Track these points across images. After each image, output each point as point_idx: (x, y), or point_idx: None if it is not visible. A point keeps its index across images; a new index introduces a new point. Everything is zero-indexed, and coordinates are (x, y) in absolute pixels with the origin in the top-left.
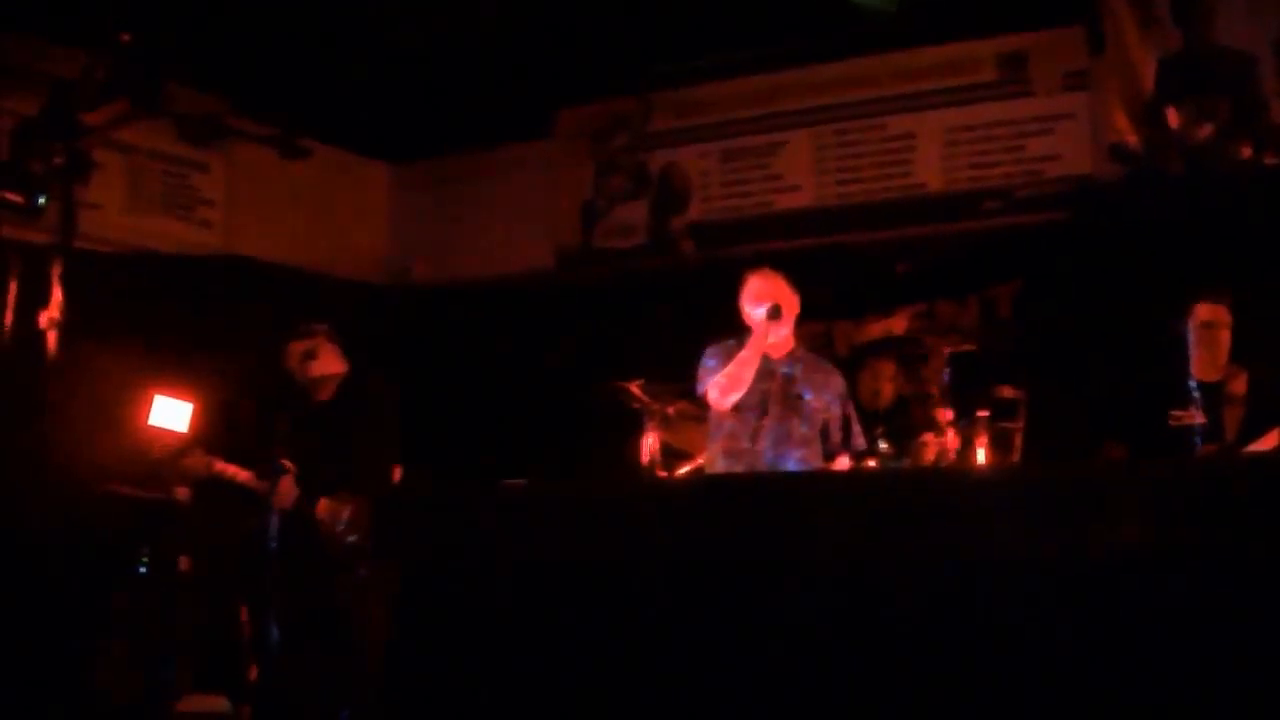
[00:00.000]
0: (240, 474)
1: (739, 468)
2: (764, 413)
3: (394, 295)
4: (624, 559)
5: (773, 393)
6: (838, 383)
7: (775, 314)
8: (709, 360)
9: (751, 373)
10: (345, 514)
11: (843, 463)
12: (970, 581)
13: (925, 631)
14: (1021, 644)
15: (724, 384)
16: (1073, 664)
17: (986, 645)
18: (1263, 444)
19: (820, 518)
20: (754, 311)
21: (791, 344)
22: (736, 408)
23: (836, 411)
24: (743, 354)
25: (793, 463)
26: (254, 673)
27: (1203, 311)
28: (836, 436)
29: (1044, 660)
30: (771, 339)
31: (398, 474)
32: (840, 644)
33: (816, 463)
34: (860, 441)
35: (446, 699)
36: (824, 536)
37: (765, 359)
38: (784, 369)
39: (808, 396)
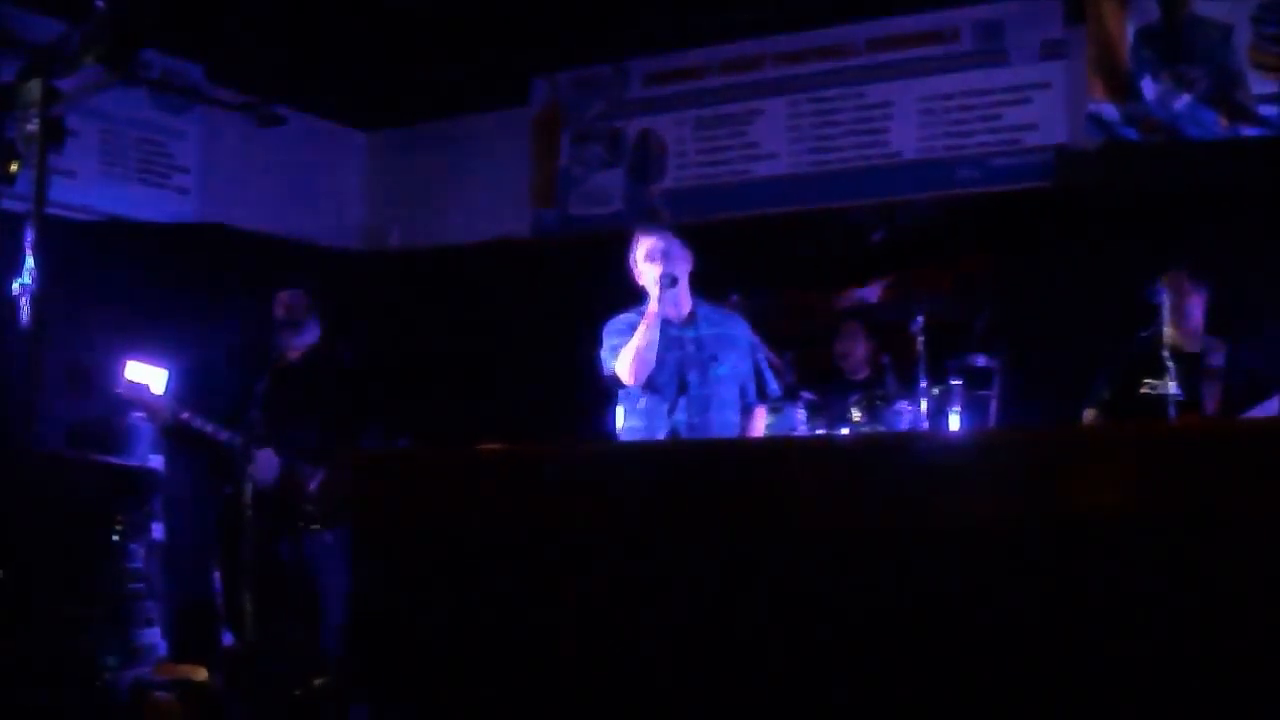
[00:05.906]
0: (207, 426)
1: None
2: (680, 382)
3: (371, 262)
4: (591, 523)
5: (685, 360)
6: (744, 332)
7: (670, 283)
8: (610, 336)
9: (654, 347)
10: (318, 479)
11: (762, 415)
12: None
13: (896, 595)
14: (992, 609)
15: (631, 363)
16: (1043, 628)
17: (957, 610)
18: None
19: (791, 483)
20: (648, 273)
21: (690, 304)
22: (649, 381)
23: (748, 364)
24: (640, 332)
25: (714, 428)
26: (227, 641)
27: (1171, 280)
28: (752, 388)
29: (1014, 624)
30: (666, 307)
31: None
32: (811, 612)
33: (737, 422)
34: (775, 388)
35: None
36: (794, 502)
37: (669, 325)
38: (691, 333)
39: (720, 358)
